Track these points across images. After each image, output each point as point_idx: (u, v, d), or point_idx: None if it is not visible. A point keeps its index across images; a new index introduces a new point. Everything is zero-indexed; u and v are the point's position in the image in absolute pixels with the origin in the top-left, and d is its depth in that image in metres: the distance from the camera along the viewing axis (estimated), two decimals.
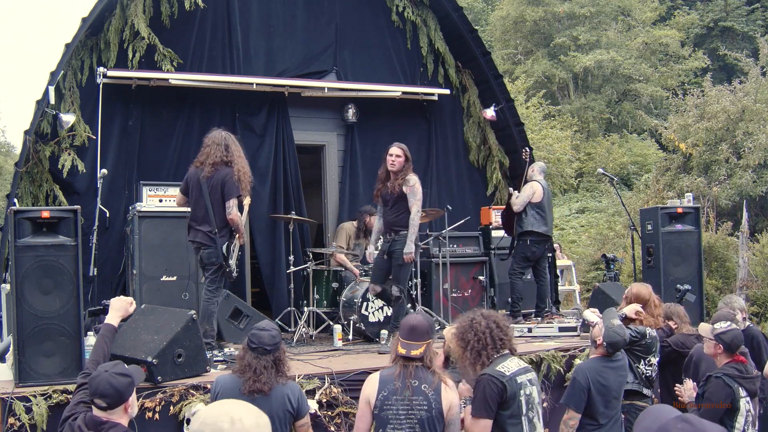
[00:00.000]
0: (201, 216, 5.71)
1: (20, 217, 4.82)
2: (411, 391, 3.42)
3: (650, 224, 7.10)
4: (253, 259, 8.32)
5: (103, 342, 3.61)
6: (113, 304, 3.79)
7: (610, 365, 4.31)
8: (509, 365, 3.52)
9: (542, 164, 8.02)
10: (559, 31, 25.43)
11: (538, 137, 18.89)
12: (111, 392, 2.95)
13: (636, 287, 5.19)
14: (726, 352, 4.45)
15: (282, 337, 3.79)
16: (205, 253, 5.72)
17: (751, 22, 25.48)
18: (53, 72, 7.01)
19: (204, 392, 4.71)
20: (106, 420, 2.96)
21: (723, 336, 4.47)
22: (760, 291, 11.56)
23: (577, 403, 4.21)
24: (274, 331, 3.67)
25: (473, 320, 3.63)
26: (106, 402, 2.96)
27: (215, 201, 5.66)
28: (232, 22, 8.06)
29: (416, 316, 3.68)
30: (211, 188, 5.67)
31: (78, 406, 3.16)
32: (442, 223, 7.73)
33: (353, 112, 8.65)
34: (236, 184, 5.69)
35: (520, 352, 5.83)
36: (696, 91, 16.65)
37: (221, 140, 5.79)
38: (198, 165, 5.80)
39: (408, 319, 3.64)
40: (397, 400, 3.41)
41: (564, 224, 19.33)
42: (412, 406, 3.42)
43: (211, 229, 5.65)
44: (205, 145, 5.83)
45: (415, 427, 3.42)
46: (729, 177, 14.80)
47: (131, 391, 3.04)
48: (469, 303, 8.34)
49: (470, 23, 9.33)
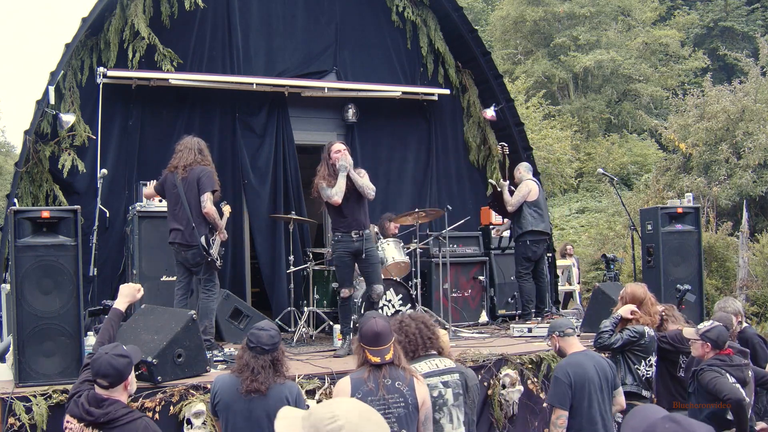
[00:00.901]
0: (180, 216, 5.81)
1: (20, 217, 4.82)
2: (385, 390, 3.41)
3: (650, 224, 7.09)
4: (253, 259, 8.32)
5: (109, 325, 3.81)
6: (122, 290, 3.97)
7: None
8: (424, 366, 3.64)
9: (527, 163, 8.05)
10: (559, 31, 25.44)
11: (538, 137, 18.88)
12: (112, 372, 3.25)
13: (631, 287, 5.18)
14: (714, 350, 4.49)
15: (282, 337, 3.79)
16: (190, 254, 5.78)
17: (751, 22, 25.49)
18: (53, 72, 7.01)
19: (204, 392, 4.71)
20: (107, 397, 3.26)
21: (708, 334, 4.52)
22: (760, 291, 11.56)
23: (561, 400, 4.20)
24: (272, 331, 3.67)
25: (402, 322, 3.75)
26: (108, 381, 3.26)
27: (192, 198, 5.76)
28: (232, 22, 8.07)
29: (376, 320, 3.54)
30: (187, 186, 5.77)
31: (83, 384, 3.44)
32: (442, 223, 7.73)
33: (353, 112, 8.65)
34: (211, 179, 5.79)
35: (520, 351, 5.90)
36: (696, 91, 16.66)
37: (194, 145, 5.93)
38: (172, 170, 5.91)
39: (370, 326, 3.50)
40: (373, 401, 3.36)
41: (564, 224, 19.34)
42: (389, 404, 3.40)
43: (189, 225, 5.74)
44: (177, 150, 5.95)
45: (393, 426, 3.39)
46: (729, 177, 14.81)
47: (130, 370, 3.33)
48: (469, 303, 8.34)
49: (470, 23, 9.33)
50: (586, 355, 4.40)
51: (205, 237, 5.78)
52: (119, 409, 3.24)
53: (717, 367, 4.39)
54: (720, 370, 4.37)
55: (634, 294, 5.06)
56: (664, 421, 1.54)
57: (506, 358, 5.78)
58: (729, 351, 4.53)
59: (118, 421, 3.21)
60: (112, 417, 3.20)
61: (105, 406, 3.22)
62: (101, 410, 3.22)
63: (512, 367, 5.74)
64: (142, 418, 3.34)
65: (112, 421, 3.20)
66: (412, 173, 9.04)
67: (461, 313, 8.17)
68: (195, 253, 5.76)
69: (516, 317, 7.98)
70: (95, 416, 3.20)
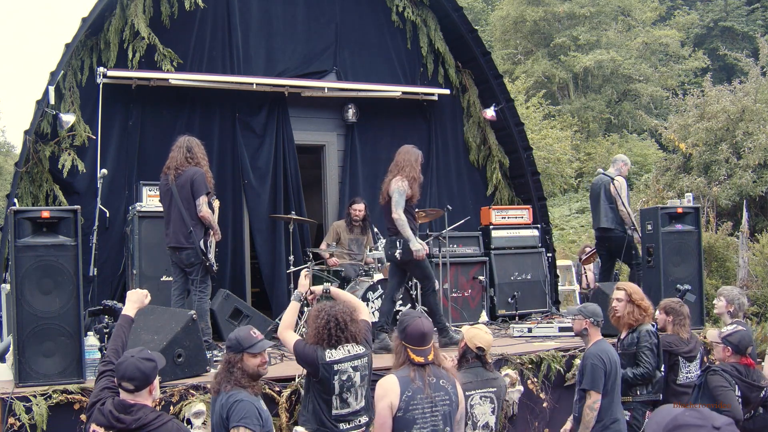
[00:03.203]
0: (175, 218, 5.85)
1: (20, 217, 4.82)
2: (432, 388, 3.50)
3: (650, 224, 7.09)
4: (253, 259, 8.31)
5: (121, 332, 3.81)
6: (130, 296, 3.99)
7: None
8: (336, 353, 3.91)
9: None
10: (559, 31, 25.44)
11: (538, 137, 18.88)
12: (138, 375, 3.23)
13: (630, 287, 5.12)
14: (735, 355, 4.43)
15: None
16: (185, 255, 5.82)
17: (751, 22, 25.49)
18: (53, 72, 7.01)
19: (204, 392, 4.71)
20: (134, 402, 3.23)
21: (730, 338, 4.45)
22: (760, 291, 11.54)
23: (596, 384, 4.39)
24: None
25: (318, 317, 3.98)
26: (134, 385, 3.23)
27: (185, 200, 5.78)
28: (232, 22, 8.06)
29: (422, 320, 3.68)
30: (180, 188, 5.80)
31: (103, 391, 3.39)
32: (442, 223, 7.73)
33: (353, 112, 8.65)
34: (204, 182, 5.80)
35: (520, 352, 5.90)
36: (696, 91, 16.64)
37: (183, 143, 5.96)
38: (165, 171, 5.96)
39: (416, 326, 3.62)
40: (422, 399, 3.47)
41: (564, 224, 19.34)
42: (435, 402, 3.50)
43: (185, 229, 5.76)
44: (170, 152, 6.00)
45: (438, 424, 3.49)
46: (729, 177, 14.79)
47: (155, 374, 3.31)
48: (469, 303, 8.34)
49: (470, 23, 9.33)
50: (608, 344, 4.61)
51: (203, 241, 5.80)
52: (149, 413, 3.20)
53: (729, 375, 4.31)
54: (731, 380, 4.30)
55: (635, 291, 5.04)
56: (686, 412, 1.64)
57: (506, 358, 5.78)
58: (752, 364, 4.45)
59: (150, 425, 3.17)
60: (143, 422, 3.16)
61: (134, 411, 3.19)
62: (131, 416, 3.17)
63: (512, 367, 5.74)
64: (172, 420, 3.31)
65: (144, 426, 3.16)
66: None
67: (461, 313, 8.17)
68: (189, 254, 5.80)
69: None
70: (127, 423, 3.15)
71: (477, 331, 4.06)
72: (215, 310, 6.96)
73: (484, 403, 3.92)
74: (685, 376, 5.12)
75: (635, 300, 4.94)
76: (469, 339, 4.02)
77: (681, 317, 5.24)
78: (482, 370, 4.00)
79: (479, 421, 3.91)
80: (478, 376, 3.96)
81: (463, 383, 3.83)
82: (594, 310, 4.67)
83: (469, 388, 3.88)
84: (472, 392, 3.90)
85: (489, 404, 3.93)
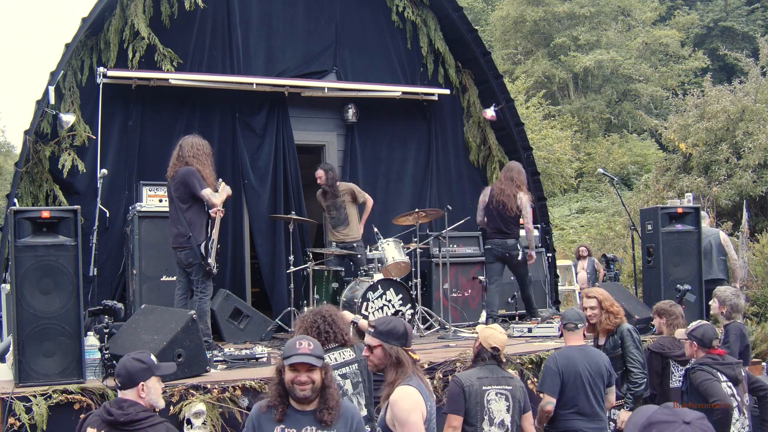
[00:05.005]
0: (173, 218, 5.91)
1: (20, 217, 4.81)
2: (429, 390, 3.46)
3: (650, 224, 7.09)
4: (253, 259, 8.31)
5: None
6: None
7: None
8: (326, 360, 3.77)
9: None
10: (559, 31, 25.46)
11: (538, 137, 18.90)
12: (123, 373, 3.33)
13: (599, 293, 5.14)
14: (701, 348, 4.49)
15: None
16: (183, 254, 5.86)
17: (751, 22, 25.51)
18: (53, 72, 7.01)
19: (204, 392, 4.71)
20: (126, 399, 3.31)
21: (694, 333, 4.53)
22: (760, 291, 11.54)
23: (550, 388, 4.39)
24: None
25: (303, 319, 3.87)
26: (120, 382, 3.35)
27: (180, 200, 5.82)
28: (232, 22, 8.06)
29: (401, 321, 3.53)
30: (175, 188, 5.85)
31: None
32: (442, 223, 7.73)
33: (353, 112, 8.65)
34: (194, 178, 5.79)
35: (520, 352, 5.89)
36: (696, 91, 16.65)
37: (178, 143, 6.03)
38: (167, 173, 6.06)
39: (406, 326, 3.50)
40: (432, 405, 3.40)
41: (564, 224, 19.35)
42: (432, 405, 3.45)
43: (183, 230, 5.79)
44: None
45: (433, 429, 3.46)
46: (729, 177, 14.79)
47: (144, 377, 3.33)
48: (469, 303, 8.35)
49: (470, 23, 9.33)
50: (581, 350, 4.52)
51: (204, 244, 5.80)
52: (139, 411, 3.24)
53: (708, 367, 4.37)
54: (712, 370, 4.35)
55: (605, 297, 5.06)
56: (658, 410, 1.72)
57: (506, 358, 5.77)
58: (720, 351, 4.51)
59: (139, 423, 3.21)
60: (132, 419, 3.20)
61: (125, 407, 3.25)
62: (121, 411, 3.23)
63: (512, 367, 5.73)
64: (163, 422, 3.32)
65: (132, 422, 3.20)
66: (412, 173, 9.04)
67: (461, 313, 8.18)
68: (187, 254, 5.82)
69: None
70: (115, 416, 3.21)
71: (492, 331, 4.06)
72: (215, 310, 6.96)
73: (500, 400, 3.89)
74: (678, 380, 5.10)
75: (606, 307, 5.02)
76: (484, 339, 4.01)
77: (673, 317, 5.27)
78: (497, 368, 3.99)
79: (495, 418, 3.85)
80: (493, 372, 3.95)
81: (478, 377, 3.84)
82: (566, 314, 4.69)
83: (485, 383, 3.87)
84: (489, 387, 3.87)
85: (504, 402, 3.89)
